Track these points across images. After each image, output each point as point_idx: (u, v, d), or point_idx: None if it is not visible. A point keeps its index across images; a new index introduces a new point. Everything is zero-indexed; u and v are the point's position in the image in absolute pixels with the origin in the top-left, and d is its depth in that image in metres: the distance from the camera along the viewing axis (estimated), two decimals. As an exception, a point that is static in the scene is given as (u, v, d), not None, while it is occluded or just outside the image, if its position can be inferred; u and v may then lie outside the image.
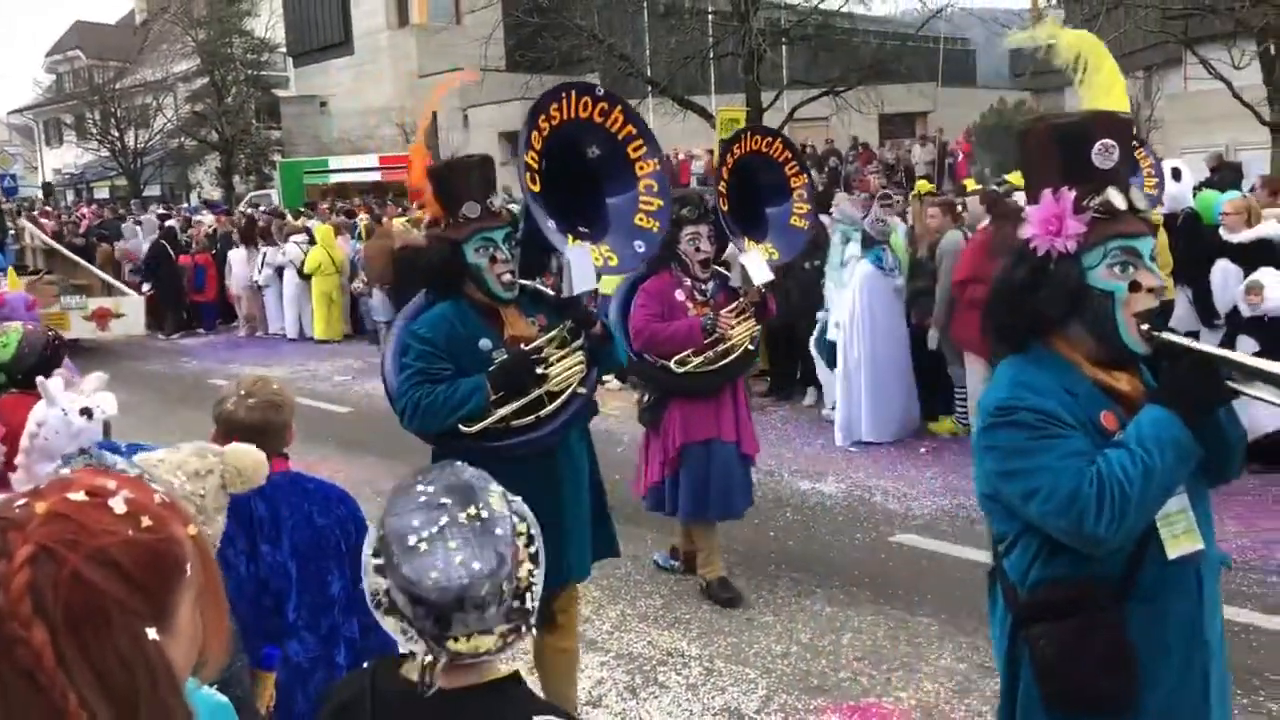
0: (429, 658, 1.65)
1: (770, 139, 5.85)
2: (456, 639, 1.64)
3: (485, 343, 3.76)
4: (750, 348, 5.57)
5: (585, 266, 3.99)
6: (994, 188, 8.24)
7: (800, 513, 6.95)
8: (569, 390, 3.83)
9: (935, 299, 8.29)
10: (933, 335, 8.45)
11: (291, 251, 15.62)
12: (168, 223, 19.84)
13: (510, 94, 30.45)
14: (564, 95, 4.07)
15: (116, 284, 15.85)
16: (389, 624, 1.70)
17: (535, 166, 4.00)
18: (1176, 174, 9.79)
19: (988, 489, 2.28)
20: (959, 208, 9.13)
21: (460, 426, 3.69)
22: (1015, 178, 12.49)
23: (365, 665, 1.87)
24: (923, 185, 13.02)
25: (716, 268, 5.66)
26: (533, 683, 3.84)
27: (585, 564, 4.07)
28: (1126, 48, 20.00)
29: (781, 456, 8.26)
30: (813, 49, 21.23)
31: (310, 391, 11.54)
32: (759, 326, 5.59)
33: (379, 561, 1.69)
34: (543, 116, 4.03)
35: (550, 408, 3.78)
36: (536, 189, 3.99)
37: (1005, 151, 24.55)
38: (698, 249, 5.34)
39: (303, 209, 21.94)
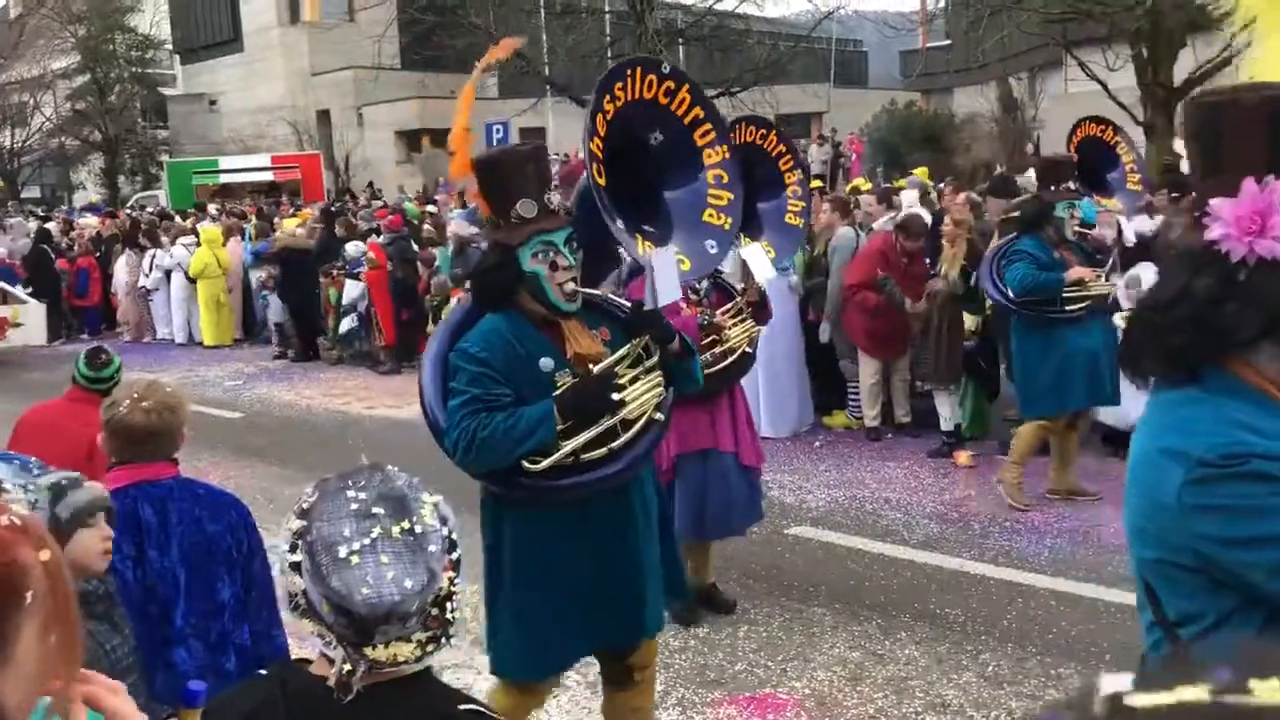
0: (347, 666, 1.63)
1: (765, 130, 5.66)
2: (375, 647, 1.63)
3: (547, 362, 3.21)
4: (749, 350, 5.18)
5: (670, 274, 3.47)
6: (886, 185, 8.46)
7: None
8: (644, 417, 3.27)
9: (826, 295, 8.52)
10: (824, 329, 8.66)
11: (179, 254, 15.21)
12: (46, 225, 19.15)
13: (406, 92, 30.18)
14: (629, 73, 3.55)
15: (14, 291, 15.23)
16: (306, 626, 1.67)
17: (600, 155, 3.46)
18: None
19: (1193, 560, 1.69)
20: (851, 205, 9.36)
21: (524, 463, 3.14)
22: (920, 174, 12.79)
23: (264, 671, 1.82)
24: (813, 184, 13.28)
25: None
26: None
27: (660, 614, 3.62)
28: (1011, 50, 20.68)
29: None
30: (708, 50, 21.46)
31: (200, 397, 11.24)
32: (759, 328, 5.25)
33: (298, 559, 1.64)
34: (608, 97, 3.50)
35: (625, 438, 3.21)
36: (603, 182, 3.45)
37: (895, 150, 25.19)
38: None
39: (192, 210, 21.36)
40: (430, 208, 17.06)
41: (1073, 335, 6.30)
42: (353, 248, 13.19)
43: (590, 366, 3.22)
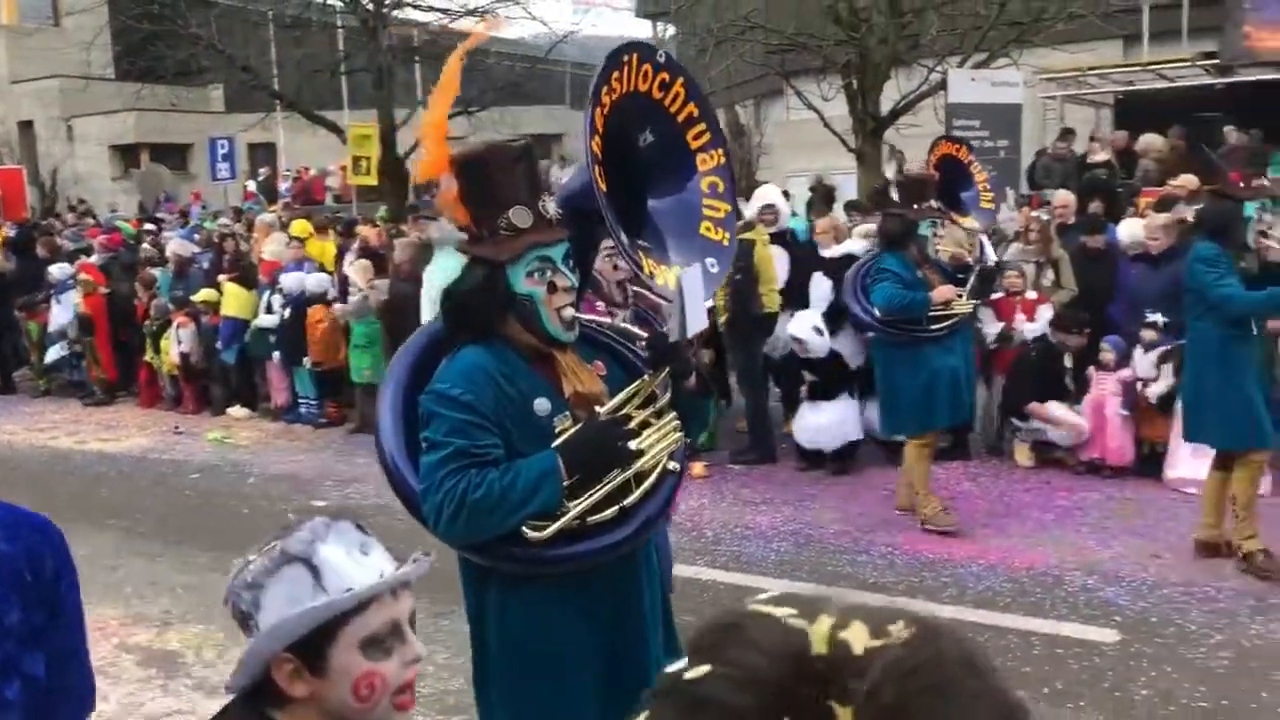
0: None
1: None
2: None
3: (543, 404, 2.66)
4: None
5: (699, 297, 2.95)
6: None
7: (439, 532, 6.93)
8: (658, 467, 2.72)
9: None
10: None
11: None
12: None
13: (121, 104, 28.24)
14: (626, 59, 2.98)
15: None
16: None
17: (601, 157, 2.84)
18: (786, 195, 10.71)
19: None
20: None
21: (525, 530, 2.56)
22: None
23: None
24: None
25: (637, 289, 4.47)
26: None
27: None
28: (737, 78, 21.66)
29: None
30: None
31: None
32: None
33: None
34: (606, 88, 2.94)
35: (637, 494, 2.66)
36: (606, 188, 2.79)
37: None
38: (616, 266, 4.22)
39: None
40: (149, 226, 16.05)
41: (937, 354, 6.36)
42: (58, 270, 12.22)
43: (595, 408, 2.69)
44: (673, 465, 2.76)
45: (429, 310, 8.44)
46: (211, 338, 11.08)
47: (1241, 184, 5.57)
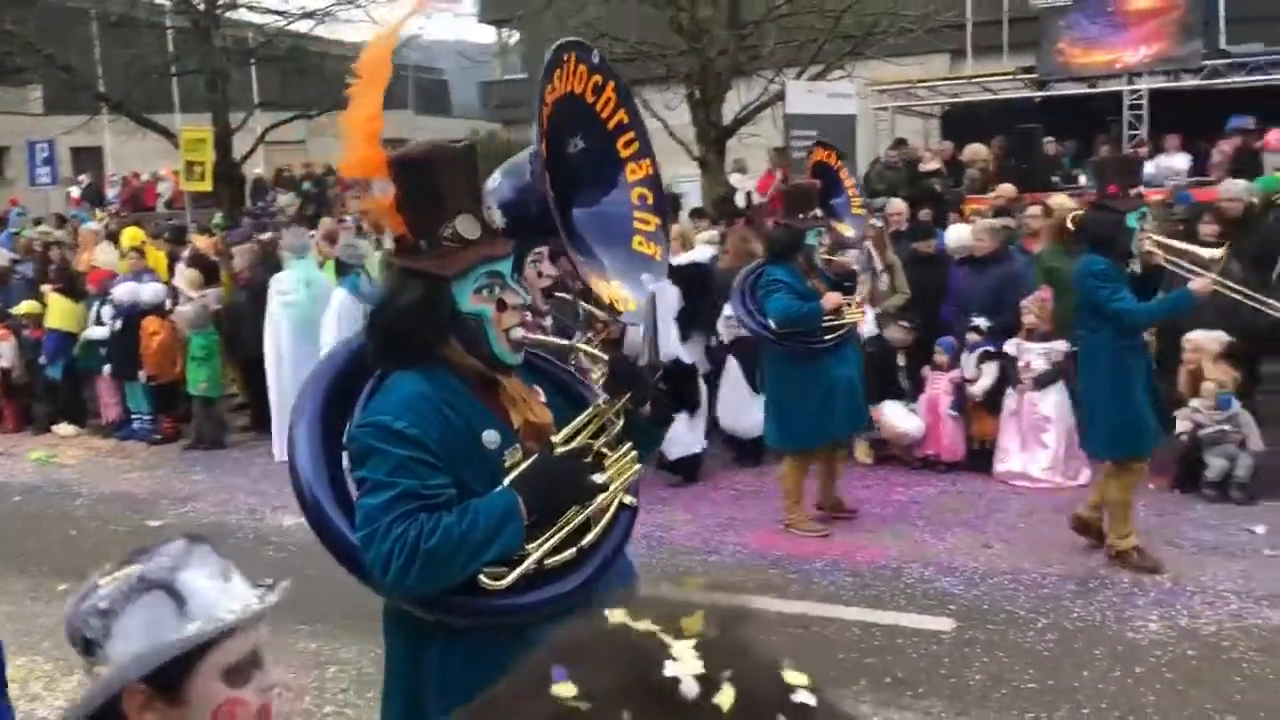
0: None
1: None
2: None
3: (491, 436, 2.38)
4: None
5: (669, 317, 2.85)
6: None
7: (284, 550, 6.74)
8: (614, 502, 2.49)
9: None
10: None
11: None
12: None
13: (-73, 105, 26.43)
14: (565, 59, 2.74)
15: None
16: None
17: (548, 163, 2.65)
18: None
19: None
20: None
21: (482, 578, 2.29)
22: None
23: None
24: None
25: (561, 295, 4.37)
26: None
27: None
28: (582, 85, 21.73)
29: (264, 493, 7.96)
30: (283, 71, 20.70)
31: None
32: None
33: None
34: (549, 86, 2.71)
35: (595, 532, 2.43)
36: (555, 195, 2.58)
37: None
38: (540, 273, 4.07)
39: None
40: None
41: (833, 364, 6.37)
42: None
43: (552, 440, 2.45)
44: (629, 500, 2.51)
45: (335, 329, 8.19)
46: (34, 352, 10.51)
47: (1120, 195, 5.67)
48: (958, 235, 8.51)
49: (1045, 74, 16.25)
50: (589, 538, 2.40)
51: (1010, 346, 7.55)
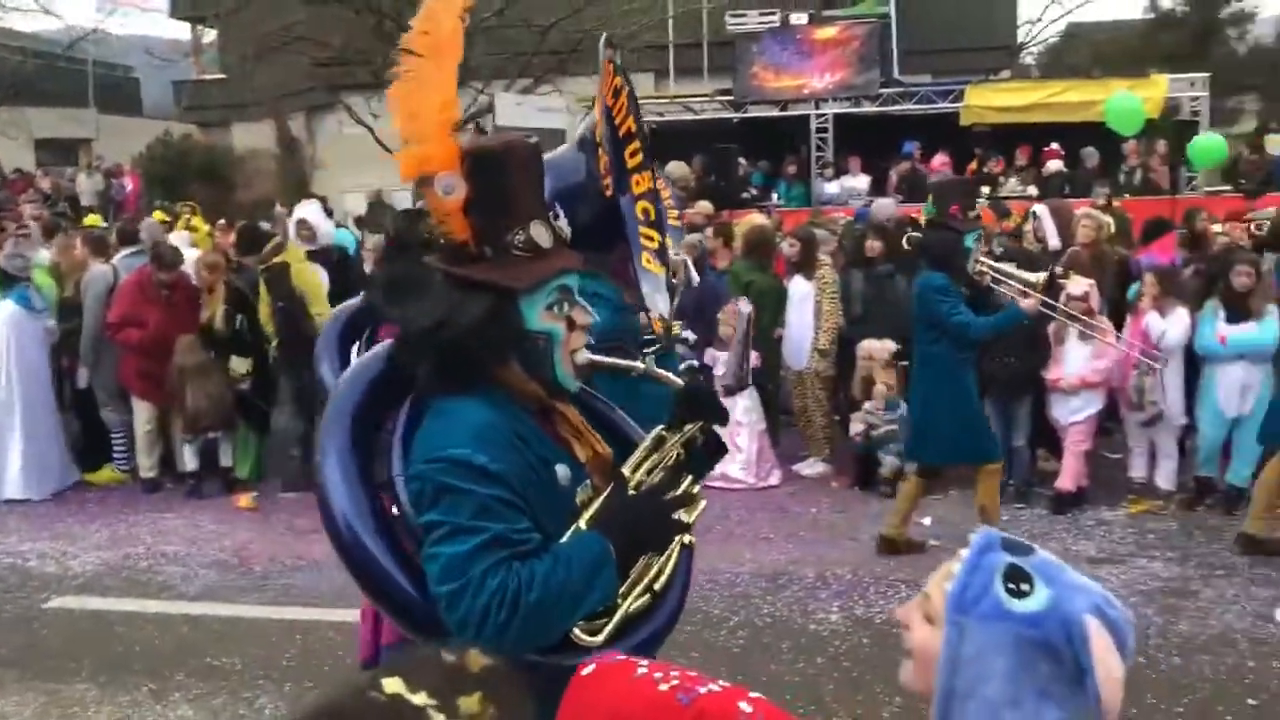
0: None
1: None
2: None
3: (564, 471, 2.10)
4: None
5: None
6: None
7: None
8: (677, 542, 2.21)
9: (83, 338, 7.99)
10: (83, 373, 8.08)
11: None
12: None
13: None
14: (610, 54, 2.56)
15: None
16: None
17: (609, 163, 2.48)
18: (329, 212, 10.49)
19: None
20: (107, 241, 8.87)
21: (578, 633, 1.99)
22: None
23: None
24: (93, 219, 12.37)
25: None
26: None
27: None
28: (288, 89, 20.92)
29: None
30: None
31: None
32: None
33: None
34: (608, 80, 2.54)
35: (667, 573, 2.14)
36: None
37: (174, 183, 24.12)
38: None
39: None
40: None
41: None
42: None
43: (623, 473, 2.18)
44: (689, 539, 2.22)
45: (4, 346, 7.35)
46: None
47: (961, 217, 5.96)
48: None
49: (741, 96, 17.15)
50: (661, 581, 2.12)
51: (707, 357, 7.88)
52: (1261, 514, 6.14)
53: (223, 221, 12.12)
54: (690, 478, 2.25)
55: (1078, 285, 6.59)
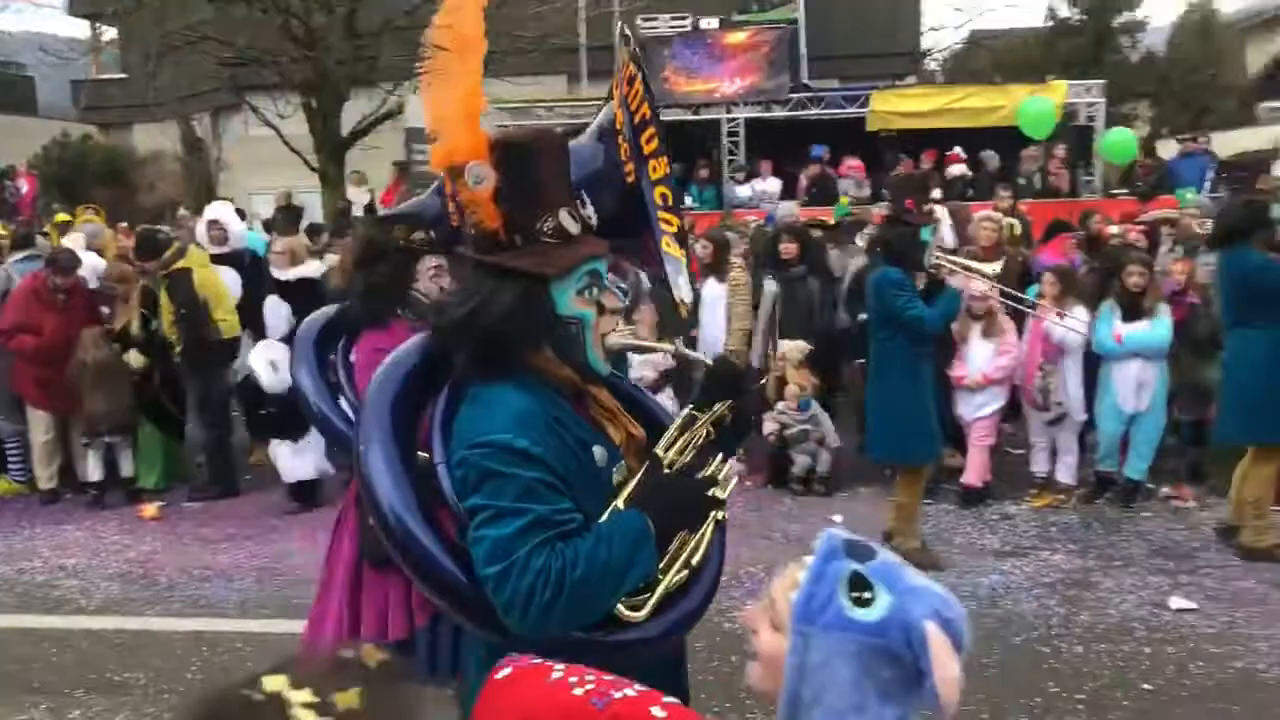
0: None
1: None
2: None
3: (601, 453, 2.16)
4: None
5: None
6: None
7: None
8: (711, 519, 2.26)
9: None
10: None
11: None
12: None
13: None
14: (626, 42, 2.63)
15: None
16: None
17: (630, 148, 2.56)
18: (241, 214, 10.26)
19: None
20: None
21: (622, 609, 2.06)
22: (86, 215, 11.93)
23: None
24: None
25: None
26: None
27: None
28: (192, 89, 20.41)
29: None
30: None
31: None
32: None
33: None
34: (626, 69, 2.58)
35: (703, 548, 2.20)
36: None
37: (72, 186, 23.39)
38: (442, 289, 3.90)
39: None
40: None
41: None
42: None
43: (657, 453, 2.26)
44: (722, 516, 2.26)
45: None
46: None
47: (915, 211, 5.98)
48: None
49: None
50: (698, 556, 2.19)
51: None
52: (1248, 521, 6.19)
53: (124, 225, 11.79)
54: (720, 455, 2.31)
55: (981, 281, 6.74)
